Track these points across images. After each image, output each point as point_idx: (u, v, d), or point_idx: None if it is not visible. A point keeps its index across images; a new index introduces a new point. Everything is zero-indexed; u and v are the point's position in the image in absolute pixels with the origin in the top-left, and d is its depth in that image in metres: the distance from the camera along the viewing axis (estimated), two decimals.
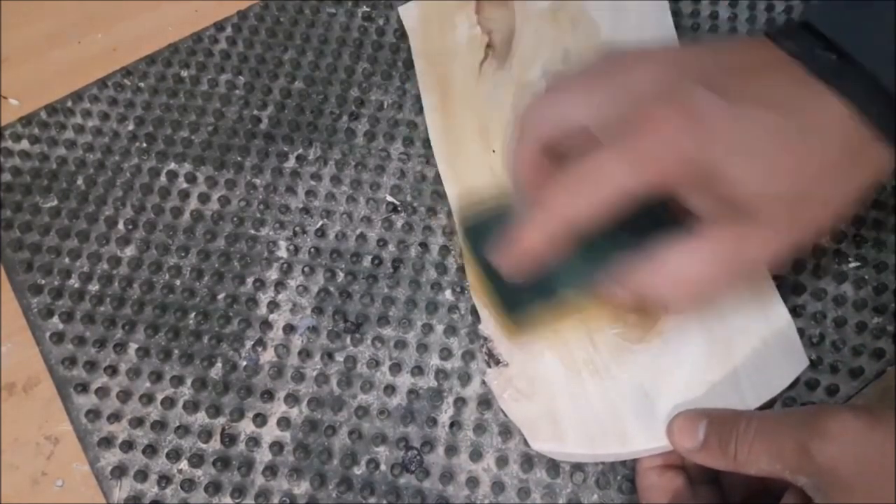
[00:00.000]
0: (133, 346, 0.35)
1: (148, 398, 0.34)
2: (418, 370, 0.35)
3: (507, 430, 0.34)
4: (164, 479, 0.33)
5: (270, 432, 0.34)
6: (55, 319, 0.36)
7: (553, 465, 0.33)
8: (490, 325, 0.35)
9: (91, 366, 0.35)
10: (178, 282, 0.37)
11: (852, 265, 0.36)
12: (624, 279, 0.29)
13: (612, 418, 0.32)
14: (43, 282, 0.37)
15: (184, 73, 0.42)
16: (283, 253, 0.37)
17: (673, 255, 0.28)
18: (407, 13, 0.42)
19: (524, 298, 0.32)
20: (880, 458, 0.25)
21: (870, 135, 0.26)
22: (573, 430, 0.32)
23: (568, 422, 0.32)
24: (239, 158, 0.39)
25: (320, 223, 0.38)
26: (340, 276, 0.37)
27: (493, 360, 0.34)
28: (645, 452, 0.32)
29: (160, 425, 0.34)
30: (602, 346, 0.34)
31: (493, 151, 0.38)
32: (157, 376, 0.35)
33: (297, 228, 0.38)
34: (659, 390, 0.33)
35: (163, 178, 0.39)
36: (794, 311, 0.35)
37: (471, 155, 0.38)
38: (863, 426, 0.26)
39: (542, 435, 0.32)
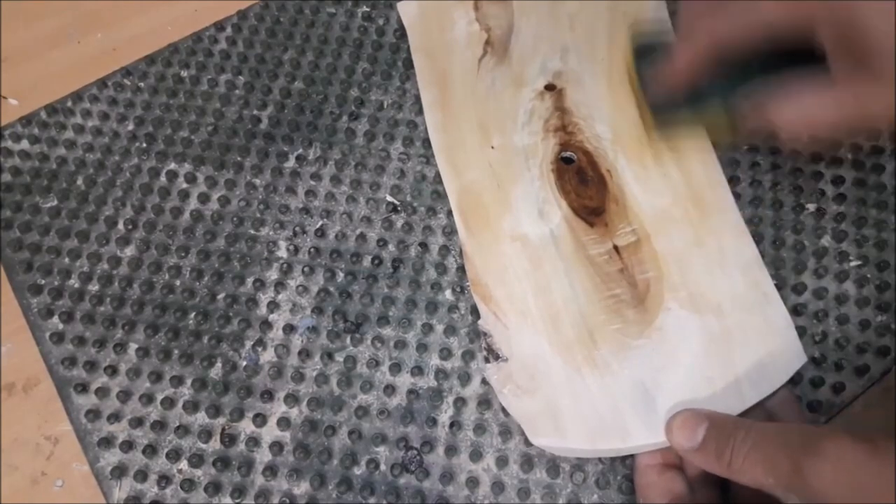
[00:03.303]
0: (133, 346, 0.35)
1: (148, 398, 0.34)
2: (418, 370, 0.35)
3: (507, 431, 0.34)
4: (164, 479, 0.33)
5: (270, 432, 0.34)
6: (55, 319, 0.36)
7: (553, 466, 0.33)
8: (490, 319, 0.35)
9: (91, 366, 0.35)
10: (177, 282, 0.37)
11: (854, 264, 0.36)
12: (759, 105, 0.32)
13: (612, 414, 0.32)
14: (43, 282, 0.37)
15: (183, 73, 0.42)
16: (282, 253, 0.37)
17: (806, 94, 0.31)
18: (405, 10, 0.42)
19: (674, 106, 0.36)
20: (877, 488, 0.24)
21: None
22: (573, 425, 0.32)
23: (568, 417, 0.32)
24: (239, 158, 0.39)
25: (320, 223, 0.38)
26: (340, 276, 0.37)
27: (493, 355, 0.34)
28: (645, 447, 0.32)
29: (160, 425, 0.34)
30: (602, 342, 0.34)
31: (493, 147, 0.38)
32: (156, 376, 0.35)
33: (296, 228, 0.38)
34: (658, 385, 0.33)
35: (163, 178, 0.39)
36: (795, 311, 0.35)
37: (469, 150, 0.38)
38: (861, 453, 0.24)
39: (542, 430, 0.32)
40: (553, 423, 0.32)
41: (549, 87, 0.39)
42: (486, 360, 0.34)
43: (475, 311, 0.35)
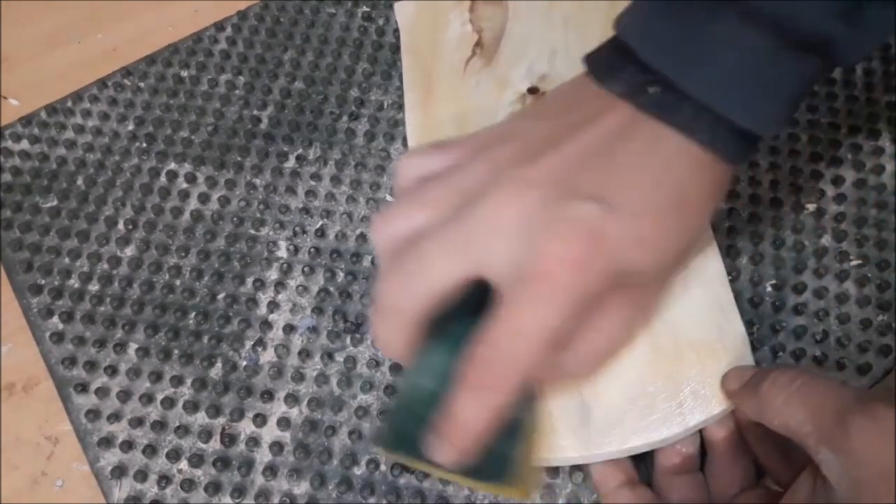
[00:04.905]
0: (133, 346, 0.35)
1: (148, 398, 0.34)
2: None
3: None
4: (164, 479, 0.33)
5: (270, 432, 0.34)
6: (55, 319, 0.36)
7: (552, 465, 0.33)
8: None
9: (91, 366, 0.35)
10: (178, 282, 0.37)
11: (854, 263, 0.36)
12: (549, 377, 0.29)
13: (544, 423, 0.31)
14: (43, 282, 0.37)
15: (184, 73, 0.42)
16: (283, 253, 0.37)
17: (585, 340, 0.28)
18: (402, 10, 0.42)
19: (500, 459, 0.28)
20: None
21: (722, 166, 0.27)
22: None
23: None
24: (239, 158, 0.39)
25: (320, 223, 0.38)
26: (340, 276, 0.37)
27: None
28: (572, 461, 0.31)
29: (160, 425, 0.34)
30: None
31: None
32: (156, 376, 0.35)
33: (297, 228, 0.38)
34: (597, 399, 0.31)
35: (163, 178, 0.39)
36: (796, 310, 0.35)
37: None
38: None
39: None
40: None
41: (532, 90, 0.39)
42: None
43: None
